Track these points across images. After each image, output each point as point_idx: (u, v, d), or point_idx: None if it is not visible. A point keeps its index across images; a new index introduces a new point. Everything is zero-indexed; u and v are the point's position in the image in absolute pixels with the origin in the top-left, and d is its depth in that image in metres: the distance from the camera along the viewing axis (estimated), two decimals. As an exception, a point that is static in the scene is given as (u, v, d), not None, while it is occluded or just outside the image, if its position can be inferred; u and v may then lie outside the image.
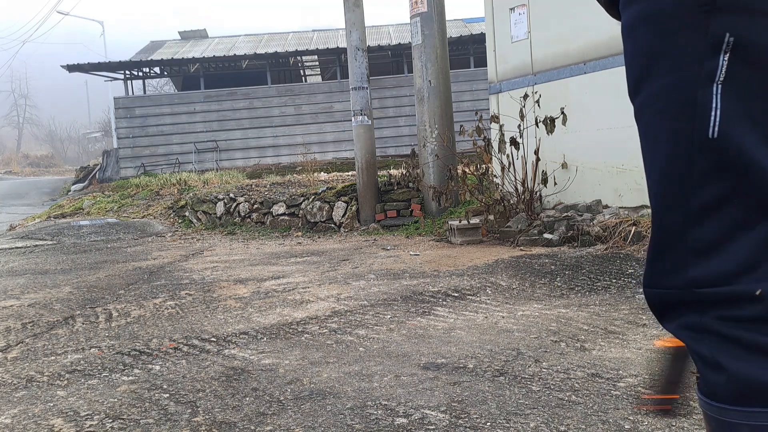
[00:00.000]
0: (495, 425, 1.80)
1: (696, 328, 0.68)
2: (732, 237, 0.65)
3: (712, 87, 0.64)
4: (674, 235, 0.68)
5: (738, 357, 0.65)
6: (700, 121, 0.65)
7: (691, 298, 0.67)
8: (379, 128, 14.59)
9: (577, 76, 5.68)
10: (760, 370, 0.64)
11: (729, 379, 0.65)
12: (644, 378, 2.12)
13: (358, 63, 7.78)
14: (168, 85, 30.80)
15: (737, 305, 0.64)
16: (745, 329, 0.64)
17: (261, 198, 8.62)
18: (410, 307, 3.37)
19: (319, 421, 1.90)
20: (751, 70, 0.63)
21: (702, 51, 0.64)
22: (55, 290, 4.45)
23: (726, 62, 0.63)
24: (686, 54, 0.65)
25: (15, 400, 2.22)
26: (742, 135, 0.63)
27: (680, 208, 0.67)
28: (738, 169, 0.64)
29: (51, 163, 41.56)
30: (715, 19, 0.63)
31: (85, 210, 11.61)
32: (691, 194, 0.66)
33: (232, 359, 2.59)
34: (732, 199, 0.65)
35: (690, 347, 0.69)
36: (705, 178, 0.65)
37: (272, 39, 20.93)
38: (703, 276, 0.66)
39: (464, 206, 6.87)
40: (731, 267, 0.65)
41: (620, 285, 3.57)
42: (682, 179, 0.67)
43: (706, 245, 0.66)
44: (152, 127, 17.48)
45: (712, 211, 0.66)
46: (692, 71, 0.65)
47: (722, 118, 0.64)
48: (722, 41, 0.63)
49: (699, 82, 0.65)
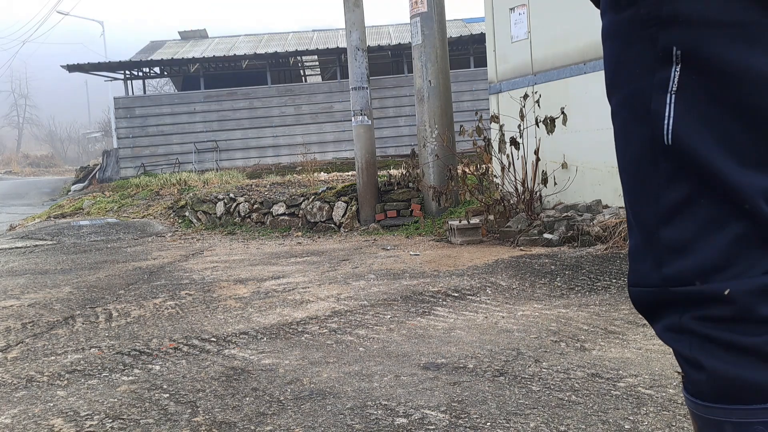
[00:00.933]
0: (495, 425, 1.80)
1: (676, 329, 0.69)
2: (701, 236, 0.66)
3: (666, 96, 0.67)
4: (648, 234, 0.71)
5: (716, 356, 0.66)
6: (656, 128, 0.67)
7: (670, 298, 0.69)
8: (379, 128, 14.60)
9: (577, 76, 5.68)
10: (737, 368, 0.65)
11: (709, 378, 0.66)
12: (644, 378, 2.12)
13: (358, 63, 7.78)
14: (168, 85, 30.80)
15: (709, 305, 0.66)
16: (718, 329, 0.66)
17: (261, 198, 8.62)
18: (410, 307, 3.37)
19: (319, 421, 1.90)
20: (702, 80, 0.65)
21: (653, 63, 0.67)
22: (55, 290, 4.45)
23: (678, 73, 0.66)
24: (641, 65, 0.68)
25: (15, 400, 2.22)
26: (697, 141, 0.65)
27: (650, 207, 0.70)
28: (696, 172, 0.66)
29: (51, 163, 41.55)
30: (663, 33, 0.66)
31: (85, 210, 11.61)
32: (658, 194, 0.69)
33: (232, 359, 2.59)
34: (697, 200, 0.66)
35: (672, 347, 0.71)
36: (670, 179, 0.68)
37: (272, 39, 20.93)
38: (675, 274, 0.68)
39: (464, 206, 6.87)
40: (701, 265, 0.66)
41: (620, 285, 3.57)
42: (650, 180, 0.69)
43: (679, 244, 0.68)
44: (152, 127, 17.47)
45: (680, 210, 0.67)
46: (647, 82, 0.68)
47: (675, 126, 0.66)
48: (671, 53, 0.66)
49: (653, 92, 0.68)
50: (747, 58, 0.63)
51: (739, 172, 0.64)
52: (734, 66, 0.64)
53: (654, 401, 1.92)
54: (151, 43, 21.49)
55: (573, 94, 5.68)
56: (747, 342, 0.65)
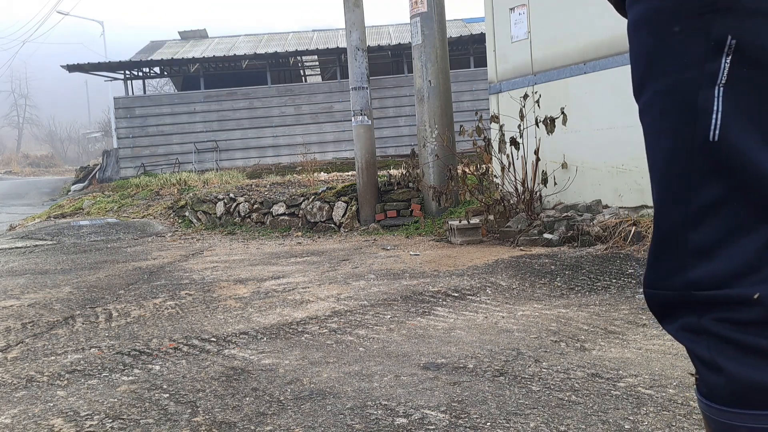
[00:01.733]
0: (495, 425, 1.80)
1: (694, 330, 0.67)
2: (731, 240, 0.65)
3: (714, 89, 0.64)
4: (674, 236, 0.68)
5: (736, 359, 0.64)
6: (701, 123, 0.64)
7: (690, 300, 0.67)
8: (379, 128, 14.60)
9: (577, 76, 5.68)
10: (758, 372, 0.64)
11: (728, 381, 0.65)
12: (644, 378, 2.12)
13: (358, 63, 7.78)
14: (168, 85, 30.79)
15: (735, 308, 0.64)
16: (743, 332, 0.64)
17: (261, 198, 8.62)
18: (410, 307, 3.37)
19: (319, 421, 1.90)
20: (752, 73, 0.63)
21: (703, 53, 0.64)
22: (55, 290, 4.45)
23: (728, 65, 0.63)
24: (687, 55, 0.65)
25: (15, 400, 2.22)
26: (744, 138, 0.63)
27: (680, 209, 0.67)
28: (738, 172, 0.63)
29: (51, 163, 41.56)
30: (717, 21, 0.63)
31: (85, 210, 11.61)
32: (690, 195, 0.66)
33: (232, 359, 2.59)
34: (732, 202, 0.64)
35: (689, 349, 0.69)
36: (705, 180, 0.65)
37: (272, 39, 20.93)
38: (701, 278, 0.66)
39: (464, 206, 6.87)
40: (730, 270, 0.64)
41: (620, 285, 3.57)
42: (682, 180, 0.66)
43: (706, 247, 0.66)
44: (152, 127, 17.47)
45: (712, 212, 0.65)
46: (693, 73, 0.65)
47: (723, 121, 0.63)
48: (724, 43, 0.63)
49: (700, 85, 0.64)
50: None
51: None
52: None
53: (654, 401, 1.92)
54: (151, 43, 21.49)
55: (573, 94, 5.68)
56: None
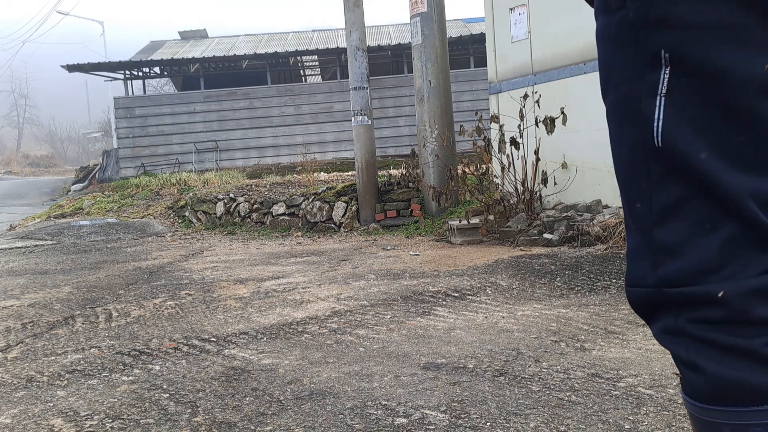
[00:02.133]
0: (495, 425, 1.80)
1: (672, 332, 0.69)
2: (693, 237, 0.67)
3: (656, 99, 0.67)
4: (642, 235, 0.71)
5: (713, 358, 0.66)
6: (646, 131, 0.68)
7: (664, 298, 0.69)
8: (379, 128, 14.59)
9: (577, 76, 5.68)
10: (734, 370, 0.65)
11: (707, 380, 0.66)
12: (644, 378, 2.12)
13: (358, 63, 7.78)
14: (168, 85, 30.79)
15: (704, 307, 0.66)
16: (715, 331, 0.65)
17: (261, 198, 8.61)
18: (410, 307, 3.37)
19: (319, 421, 1.90)
20: (691, 82, 0.65)
21: (642, 66, 0.67)
22: (55, 290, 4.45)
23: (667, 75, 0.66)
24: (631, 68, 0.68)
25: (15, 400, 2.22)
26: (686, 143, 0.65)
27: (644, 209, 0.70)
28: (687, 175, 0.66)
29: (51, 163, 41.55)
30: (651, 36, 0.66)
31: (85, 210, 11.61)
32: (651, 196, 0.69)
33: (232, 359, 2.59)
34: (690, 201, 0.66)
35: (669, 350, 0.71)
36: (662, 181, 0.68)
37: (272, 39, 20.93)
38: (670, 275, 0.68)
39: (464, 206, 6.87)
40: (696, 266, 0.66)
41: (620, 285, 3.56)
42: (642, 182, 0.69)
43: (672, 244, 0.68)
44: (152, 127, 17.47)
45: (672, 212, 0.68)
46: (637, 84, 0.68)
47: (665, 128, 0.66)
48: (659, 57, 0.66)
49: (643, 94, 0.68)
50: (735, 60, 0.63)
51: (728, 174, 0.64)
52: (723, 69, 0.64)
53: (654, 401, 1.92)
54: (151, 43, 21.48)
55: (573, 94, 5.68)
56: (742, 344, 0.64)
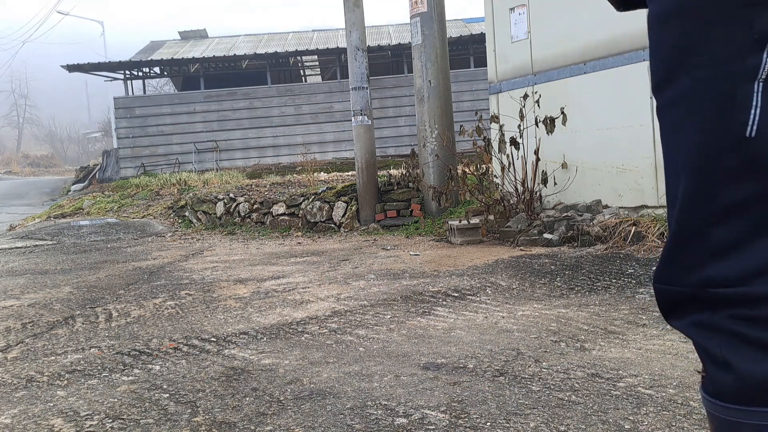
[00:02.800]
0: (495, 425, 1.80)
1: (706, 326, 0.67)
2: (754, 238, 0.64)
3: (753, 84, 0.62)
4: (695, 233, 0.67)
5: (747, 356, 0.65)
6: (737, 118, 0.62)
7: (704, 297, 0.67)
8: (379, 128, 14.59)
9: (577, 76, 5.67)
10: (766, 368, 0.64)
11: (736, 378, 0.65)
12: (644, 378, 2.12)
13: (358, 63, 7.78)
14: (168, 85, 30.78)
15: (752, 306, 0.64)
16: (756, 329, 0.64)
17: (261, 198, 8.61)
18: (410, 307, 3.37)
19: (319, 421, 1.90)
20: None
21: (744, 46, 0.62)
22: (55, 290, 4.45)
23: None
24: (726, 48, 0.63)
25: (15, 400, 2.22)
26: None
27: (705, 205, 0.66)
28: None
29: (51, 163, 41.55)
30: (761, 14, 0.61)
31: (85, 210, 11.61)
32: (717, 192, 0.65)
33: (232, 359, 2.59)
34: (760, 200, 0.63)
35: (699, 345, 0.69)
36: (734, 177, 0.64)
37: (272, 39, 20.93)
38: (719, 276, 0.66)
39: (464, 206, 6.87)
40: (749, 268, 0.64)
41: (620, 285, 3.56)
42: (710, 176, 0.65)
43: (728, 245, 0.65)
44: (152, 127, 17.47)
45: (739, 210, 0.64)
46: (732, 67, 0.63)
47: (762, 117, 0.62)
48: (765, 39, 0.61)
49: (739, 78, 0.62)
50: None
51: None
52: None
53: (654, 401, 1.92)
54: (151, 43, 21.48)
55: (573, 94, 5.68)
56: None
